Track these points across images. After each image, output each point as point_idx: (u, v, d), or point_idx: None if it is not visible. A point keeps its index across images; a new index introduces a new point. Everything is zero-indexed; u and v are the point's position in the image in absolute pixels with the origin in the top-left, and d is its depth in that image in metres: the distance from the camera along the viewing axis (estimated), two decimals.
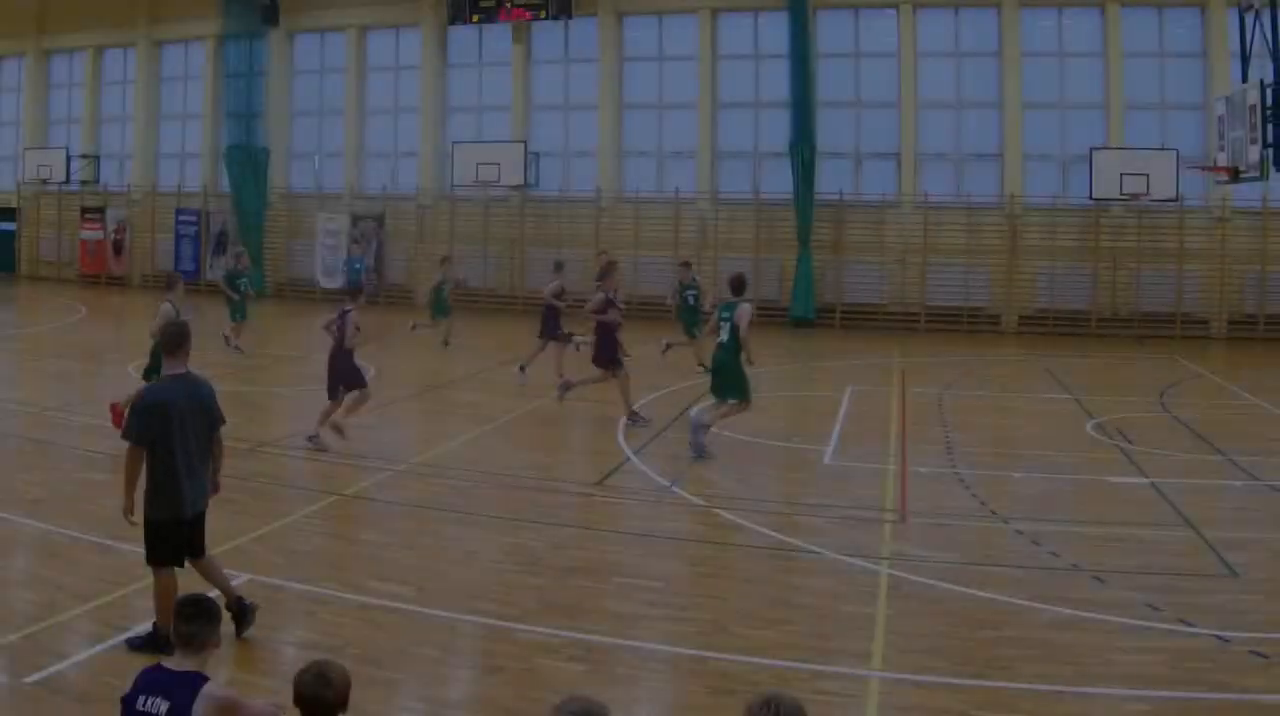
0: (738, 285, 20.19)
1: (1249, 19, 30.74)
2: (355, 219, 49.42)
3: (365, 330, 20.48)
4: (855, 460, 19.93)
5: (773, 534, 15.25)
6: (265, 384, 27.90)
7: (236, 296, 31.83)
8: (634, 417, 22.71)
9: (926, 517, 16.22)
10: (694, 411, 20.85)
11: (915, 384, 28.70)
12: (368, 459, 19.30)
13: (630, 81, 46.95)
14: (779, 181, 43.86)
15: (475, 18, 47.28)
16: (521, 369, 28.07)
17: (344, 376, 20.09)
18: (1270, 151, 28.49)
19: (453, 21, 47.96)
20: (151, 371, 19.10)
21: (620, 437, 21.37)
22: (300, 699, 6.54)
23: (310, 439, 19.73)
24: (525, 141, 46.65)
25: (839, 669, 10.89)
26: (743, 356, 19.72)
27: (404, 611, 12.11)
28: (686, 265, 32.77)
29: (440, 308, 33.06)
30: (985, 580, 13.28)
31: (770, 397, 26.57)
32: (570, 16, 45.90)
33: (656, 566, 13.98)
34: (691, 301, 31.05)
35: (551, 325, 28.48)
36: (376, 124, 51.17)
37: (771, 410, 25.09)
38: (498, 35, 48.42)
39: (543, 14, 46.21)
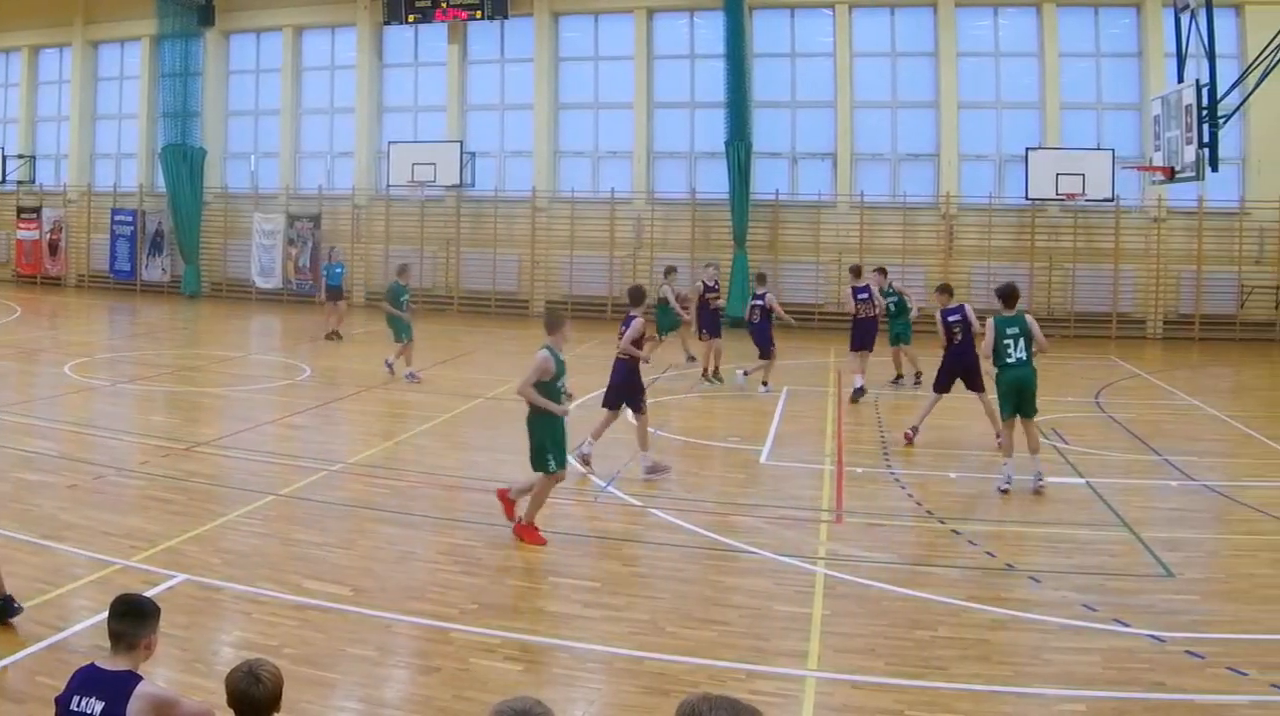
0: (1011, 295, 18.26)
1: (1184, 19, 29.98)
2: (291, 219, 47.53)
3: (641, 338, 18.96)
4: (791, 460, 19.49)
5: (709, 534, 14.92)
6: (201, 384, 26.86)
7: (403, 314, 27.71)
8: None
9: (862, 518, 15.89)
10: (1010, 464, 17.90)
11: (851, 384, 27.23)
12: (304, 459, 18.88)
13: (566, 81, 45.47)
14: (715, 181, 42.54)
15: (411, 18, 45.63)
16: (745, 374, 26.92)
17: (626, 391, 18.59)
18: (1206, 152, 28.01)
19: (388, 21, 46.25)
20: None
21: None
22: (232, 697, 6.37)
23: (651, 469, 18.06)
24: (461, 141, 45.11)
25: (775, 669, 10.67)
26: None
27: (340, 611, 11.83)
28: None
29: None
30: (921, 580, 13.07)
31: (706, 398, 26.49)
32: (506, 17, 44.39)
33: (592, 566, 13.75)
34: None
35: (711, 322, 27.97)
36: (312, 124, 49.33)
37: (708, 410, 24.91)
38: (433, 35, 46.76)
39: (478, 14, 44.69)
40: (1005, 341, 17.63)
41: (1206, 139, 27.91)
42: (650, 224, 43.33)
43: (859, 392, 25.48)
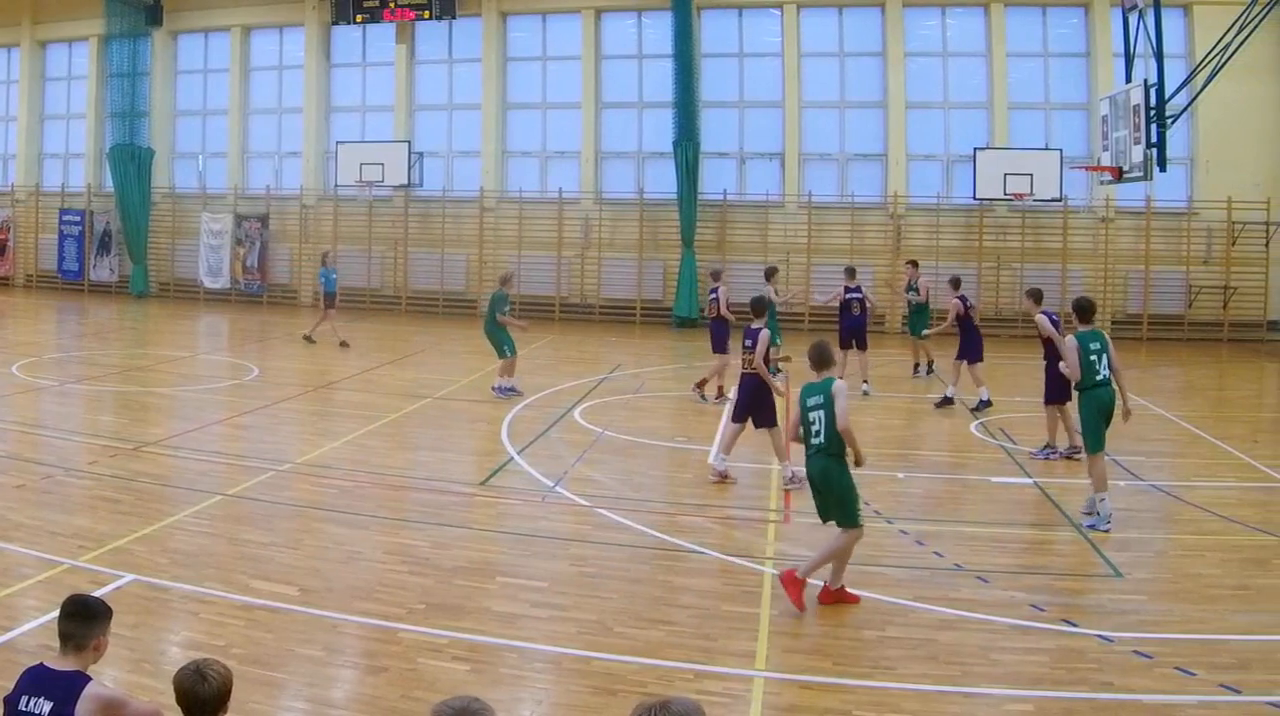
0: (1088, 309, 16.36)
1: (1132, 19, 29.47)
2: (239, 219, 45.96)
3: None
4: (739, 460, 18.41)
5: (656, 534, 14.57)
6: (148, 385, 25.91)
7: (518, 323, 25.41)
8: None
9: (810, 518, 14.44)
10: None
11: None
12: (251, 459, 18.40)
13: (514, 81, 44.15)
14: (663, 181, 41.35)
15: (359, 18, 44.17)
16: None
17: (754, 406, 17.52)
18: (1154, 152, 27.72)
19: (336, 22, 44.71)
20: None
21: (505, 437, 20.29)
22: (179, 696, 6.14)
23: (791, 479, 16.81)
24: (409, 141, 43.81)
25: (723, 669, 10.39)
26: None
27: (288, 611, 11.53)
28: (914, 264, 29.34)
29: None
30: (869, 580, 12.62)
31: (654, 398, 25.88)
32: (454, 17, 43.09)
33: (540, 566, 13.29)
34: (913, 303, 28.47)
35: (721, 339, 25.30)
36: (260, 124, 47.70)
37: (655, 410, 24.47)
38: (381, 35, 45.29)
39: (426, 14, 43.28)
40: (1090, 357, 15.61)
41: (1154, 139, 27.57)
42: (598, 224, 42.16)
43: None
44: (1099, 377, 15.56)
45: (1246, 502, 16.65)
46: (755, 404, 17.42)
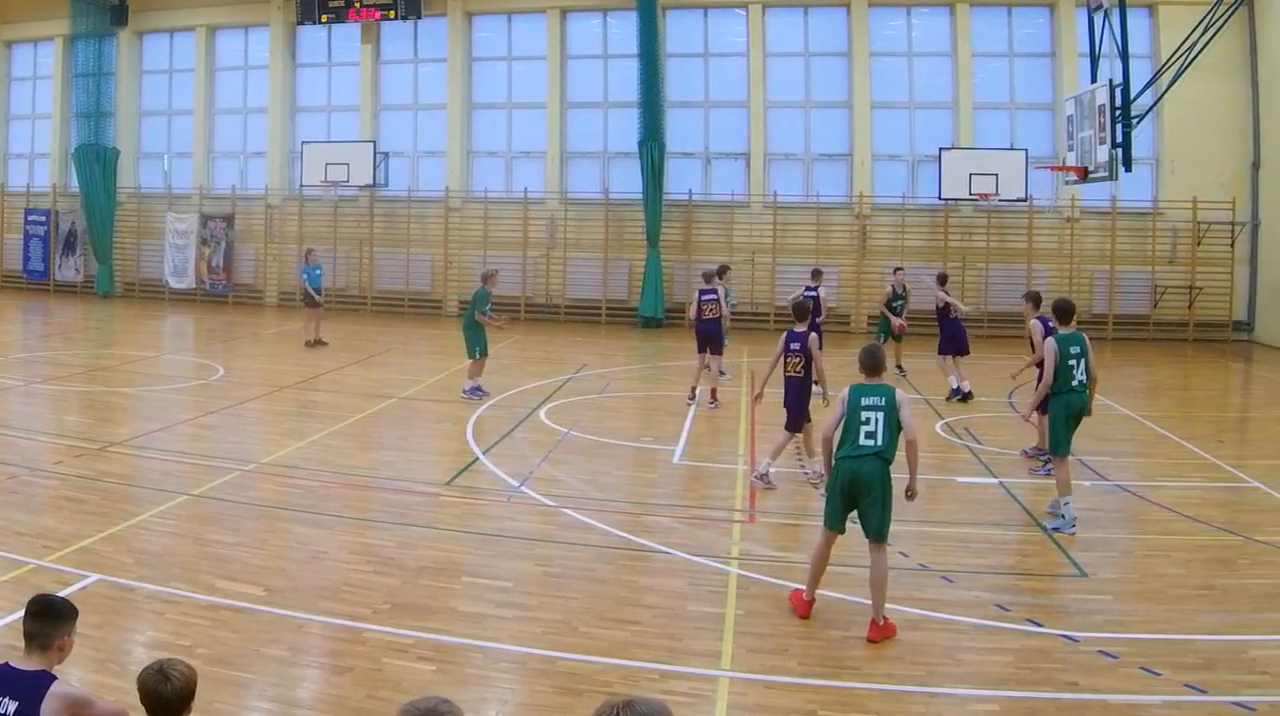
0: (1068, 311, 16.33)
1: (1098, 19, 29.04)
2: (204, 219, 44.85)
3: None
4: (704, 460, 18.91)
5: (622, 534, 14.41)
6: (114, 384, 25.49)
7: (495, 320, 24.59)
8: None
9: (775, 517, 15.42)
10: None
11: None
12: (216, 459, 18.10)
13: (479, 81, 43.19)
14: (628, 181, 40.43)
15: (324, 18, 43.00)
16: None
17: (799, 409, 17.32)
18: (1119, 152, 27.47)
19: (301, 21, 43.50)
20: None
21: (470, 438, 20.12)
22: (142, 696, 6.08)
23: (812, 476, 17.11)
24: (374, 141, 42.79)
25: (688, 669, 10.32)
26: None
27: (253, 611, 11.39)
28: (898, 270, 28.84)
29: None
30: (834, 580, 12.24)
31: (619, 398, 25.50)
32: (419, 17, 42.04)
33: (505, 566, 13.12)
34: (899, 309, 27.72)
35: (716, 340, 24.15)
36: (226, 124, 46.50)
37: (621, 410, 24.19)
38: (347, 35, 44.21)
39: (392, 14, 42.21)
40: (1069, 362, 15.35)
41: (1120, 139, 27.28)
42: (563, 224, 41.23)
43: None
44: (1074, 383, 15.31)
45: (1212, 502, 16.45)
46: (799, 407, 17.19)
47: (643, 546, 13.93)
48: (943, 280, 26.25)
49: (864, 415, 11.41)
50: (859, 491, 11.37)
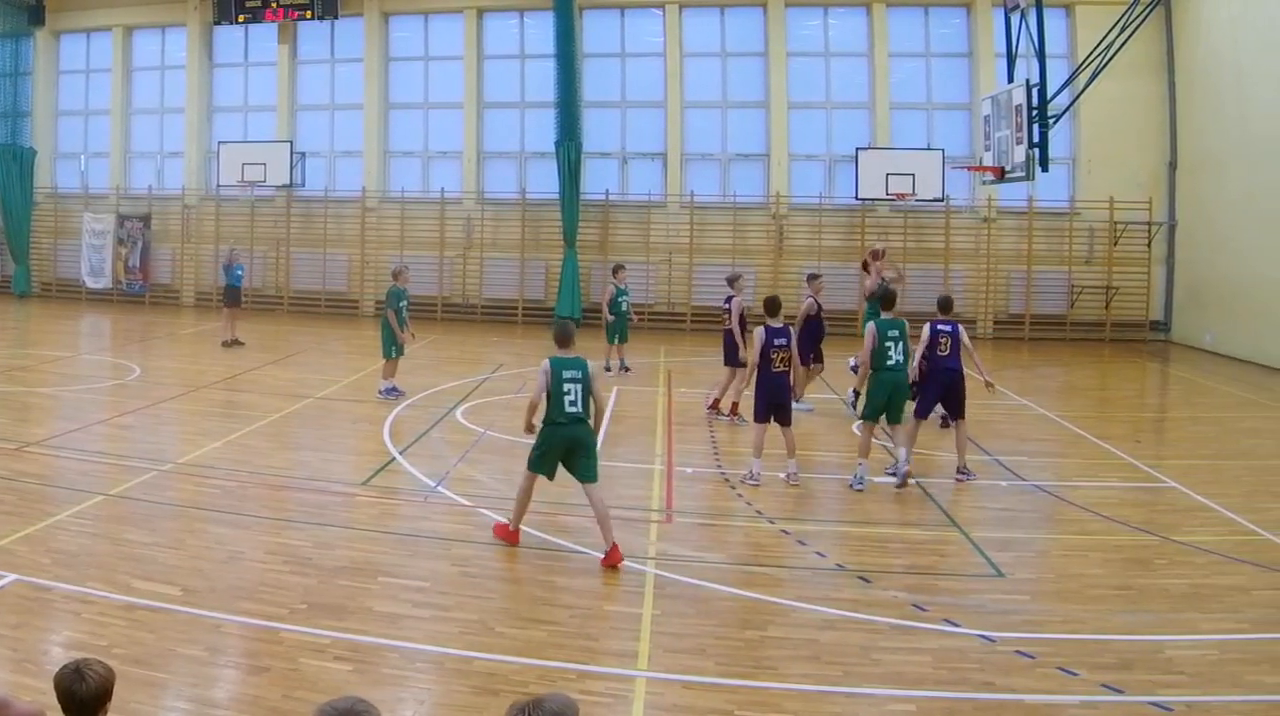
0: (890, 300, 17.81)
1: (1015, 19, 28.10)
2: (121, 219, 42.70)
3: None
4: (621, 460, 18.15)
5: (538, 534, 13.91)
6: (30, 384, 24.41)
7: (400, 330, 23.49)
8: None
9: (692, 517, 15.13)
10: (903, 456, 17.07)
11: (681, 384, 26.36)
12: (133, 459, 17.37)
13: (396, 81, 41.24)
14: (545, 181, 38.67)
15: (241, 18, 40.85)
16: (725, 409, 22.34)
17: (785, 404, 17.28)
18: (1036, 152, 26.66)
19: (218, 21, 41.27)
20: None
21: (387, 438, 19.52)
22: (58, 695, 5.68)
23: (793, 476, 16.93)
24: (291, 141, 40.69)
25: (605, 669, 9.97)
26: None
27: (170, 611, 10.90)
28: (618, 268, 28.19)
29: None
30: (751, 580, 12.30)
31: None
32: (336, 17, 39.96)
33: (422, 566, 12.70)
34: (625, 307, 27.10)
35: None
36: (142, 124, 44.11)
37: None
38: (263, 35, 41.94)
39: (308, 14, 40.11)
40: (885, 343, 16.75)
41: (1037, 139, 26.55)
42: (480, 224, 39.36)
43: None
44: (889, 363, 16.65)
45: (1129, 502, 16.10)
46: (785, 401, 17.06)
47: (559, 546, 13.51)
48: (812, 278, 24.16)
49: (565, 387, 12.74)
50: (576, 449, 12.90)
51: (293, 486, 16.14)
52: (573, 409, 12.73)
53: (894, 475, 16.64)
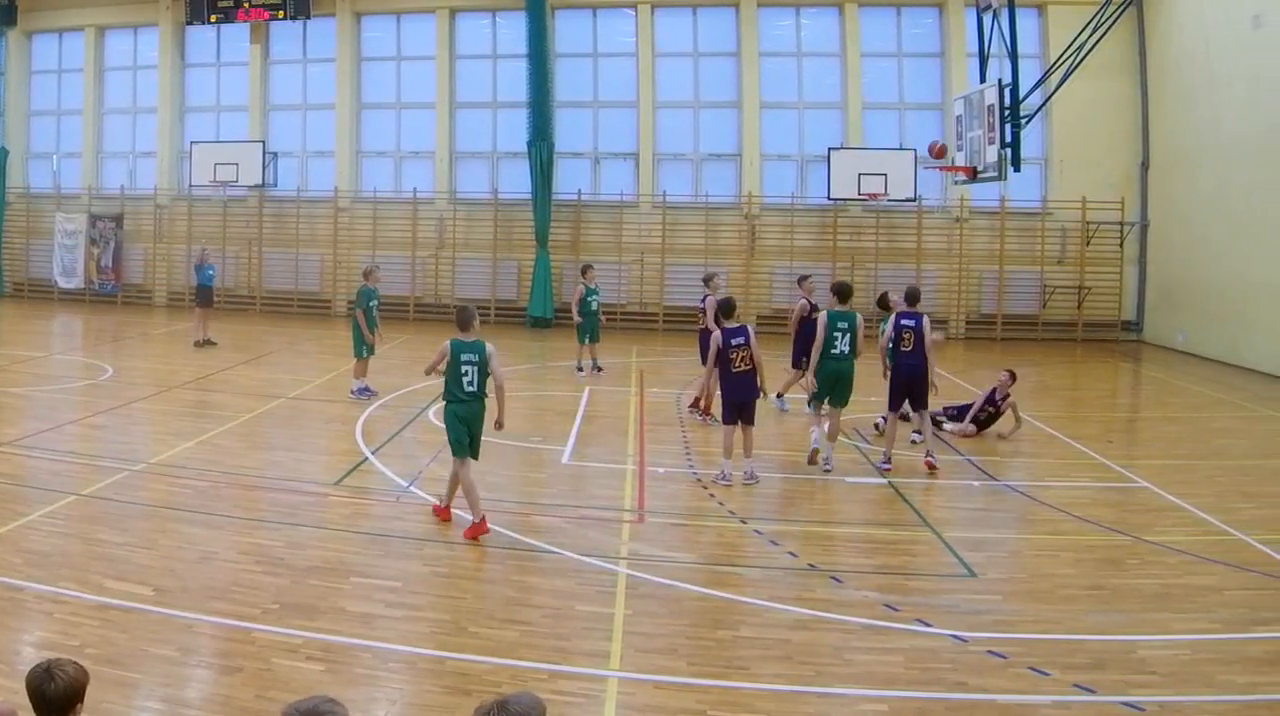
0: (845, 292, 18.12)
1: (987, 19, 27.64)
2: (94, 219, 41.97)
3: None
4: (593, 460, 18.30)
5: (510, 534, 13.74)
6: (2, 385, 24.01)
7: (369, 332, 23.28)
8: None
9: (664, 517, 14.90)
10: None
11: (653, 384, 26.25)
12: (105, 459, 17.21)
13: (368, 81, 40.54)
14: (517, 181, 38.25)
15: (213, 18, 40.08)
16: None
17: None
18: (1008, 152, 26.19)
19: (190, 21, 40.53)
20: None
21: (359, 438, 19.33)
22: (29, 695, 5.70)
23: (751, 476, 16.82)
24: (263, 141, 39.99)
25: (577, 669, 9.84)
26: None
27: (142, 611, 10.75)
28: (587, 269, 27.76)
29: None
30: (723, 580, 12.19)
31: (508, 398, 23.63)
32: (308, 17, 39.25)
33: (394, 566, 12.51)
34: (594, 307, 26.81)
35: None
36: (115, 124, 43.35)
37: (509, 411, 22.19)
38: (236, 35, 41.22)
39: (281, 14, 39.36)
40: (834, 333, 17.35)
41: (1009, 139, 26.11)
42: (452, 224, 38.81)
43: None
44: (834, 352, 17.32)
45: (1101, 502, 15.97)
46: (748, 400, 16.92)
47: (532, 546, 13.35)
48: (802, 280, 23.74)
49: (463, 368, 13.50)
50: (473, 425, 13.66)
51: (265, 486, 15.94)
52: (470, 388, 13.47)
53: (886, 468, 17.12)
